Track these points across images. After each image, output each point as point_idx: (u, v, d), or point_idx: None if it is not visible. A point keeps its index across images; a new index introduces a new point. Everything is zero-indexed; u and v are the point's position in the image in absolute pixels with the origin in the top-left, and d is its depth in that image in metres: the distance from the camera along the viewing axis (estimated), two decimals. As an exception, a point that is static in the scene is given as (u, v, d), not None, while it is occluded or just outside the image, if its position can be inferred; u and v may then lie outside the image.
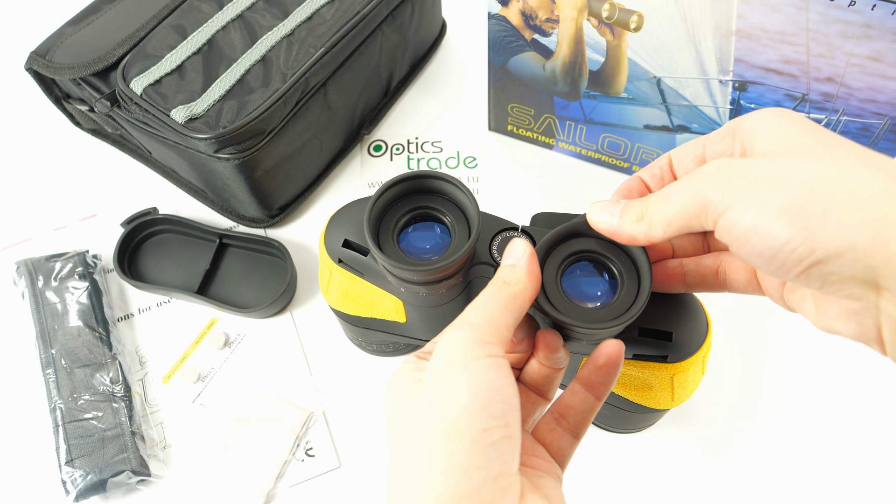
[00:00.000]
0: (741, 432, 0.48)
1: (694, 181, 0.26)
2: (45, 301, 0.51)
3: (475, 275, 0.35)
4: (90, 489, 0.45)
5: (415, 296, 0.36)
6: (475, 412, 0.24)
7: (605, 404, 0.41)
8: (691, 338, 0.35)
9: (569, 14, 0.47)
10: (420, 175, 0.33)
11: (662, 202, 0.27)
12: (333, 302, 0.43)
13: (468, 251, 0.32)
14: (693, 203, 0.26)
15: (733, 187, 0.24)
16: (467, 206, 0.33)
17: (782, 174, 0.24)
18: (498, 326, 0.26)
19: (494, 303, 0.27)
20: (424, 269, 0.31)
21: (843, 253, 0.22)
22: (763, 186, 0.24)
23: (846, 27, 0.39)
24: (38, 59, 0.52)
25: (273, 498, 0.46)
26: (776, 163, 0.25)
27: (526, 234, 0.35)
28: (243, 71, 0.49)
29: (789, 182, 0.24)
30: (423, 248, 0.34)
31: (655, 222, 0.27)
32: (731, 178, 0.25)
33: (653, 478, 0.47)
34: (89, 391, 0.48)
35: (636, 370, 0.36)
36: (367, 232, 0.32)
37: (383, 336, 0.45)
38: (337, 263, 0.39)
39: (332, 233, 0.39)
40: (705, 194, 0.25)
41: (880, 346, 0.25)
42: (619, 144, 0.57)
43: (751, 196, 0.24)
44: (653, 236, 0.28)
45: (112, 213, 0.59)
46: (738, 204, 0.24)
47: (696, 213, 0.26)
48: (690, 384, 0.37)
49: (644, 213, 0.28)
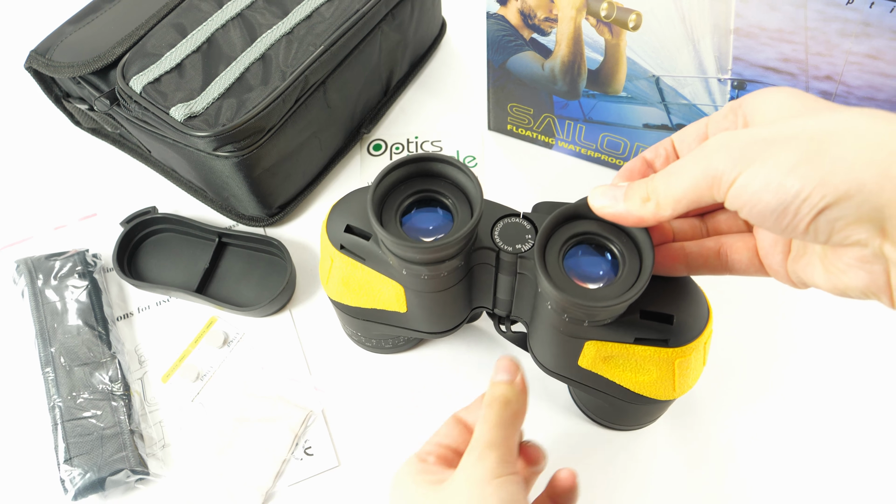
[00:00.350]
0: (743, 430, 0.48)
1: (702, 155, 0.26)
2: (45, 300, 0.51)
3: (476, 261, 0.35)
4: (89, 487, 0.45)
5: (416, 279, 0.36)
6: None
7: (605, 397, 0.41)
8: (692, 322, 0.35)
9: (567, 13, 0.47)
10: (423, 158, 0.34)
11: (669, 179, 0.28)
12: (334, 293, 0.43)
13: (470, 230, 0.32)
14: (704, 176, 0.26)
15: (743, 154, 0.25)
16: (470, 189, 0.33)
17: (789, 133, 0.25)
18: (511, 447, 0.31)
19: (504, 423, 0.31)
20: (426, 247, 0.31)
21: (851, 194, 0.23)
22: (772, 147, 0.25)
23: (845, 25, 0.39)
24: (37, 57, 0.52)
25: (272, 497, 0.46)
26: (782, 125, 0.25)
27: (527, 220, 0.35)
28: (243, 69, 0.49)
29: (796, 139, 0.24)
30: (425, 230, 0.34)
31: (664, 201, 0.28)
32: (740, 146, 0.25)
33: (653, 476, 0.46)
34: (88, 390, 0.48)
35: (637, 355, 0.36)
36: (370, 210, 0.32)
37: (383, 329, 0.45)
38: (339, 250, 0.39)
39: (335, 220, 0.40)
40: (715, 166, 0.26)
41: (889, 295, 0.25)
42: (618, 143, 0.57)
43: (762, 158, 0.25)
44: (662, 215, 0.28)
45: (111, 213, 0.59)
46: (750, 167, 0.25)
47: (707, 186, 0.26)
48: (692, 372, 0.37)
49: (650, 194, 0.28)
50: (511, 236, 0.35)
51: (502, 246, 0.35)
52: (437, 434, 0.35)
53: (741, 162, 0.25)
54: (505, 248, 0.35)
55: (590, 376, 0.39)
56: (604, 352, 0.37)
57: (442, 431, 0.35)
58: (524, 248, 0.34)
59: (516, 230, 0.35)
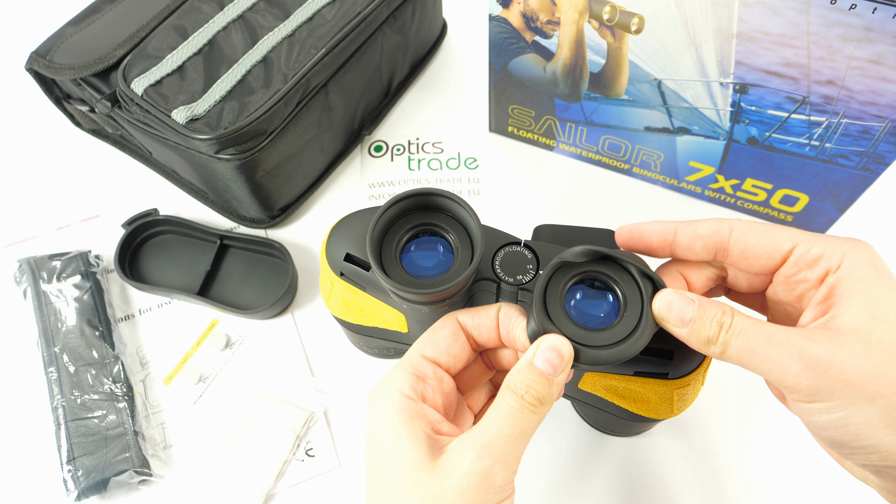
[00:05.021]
0: (739, 435, 0.48)
1: (791, 365, 0.26)
2: (48, 300, 0.51)
3: (477, 290, 0.35)
4: (91, 488, 0.45)
5: (417, 312, 0.36)
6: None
7: (602, 412, 0.41)
8: (693, 355, 0.35)
9: (570, 16, 0.47)
10: (423, 192, 0.33)
11: (745, 354, 0.27)
12: (335, 311, 0.43)
13: (470, 274, 0.31)
14: (788, 379, 0.26)
15: (827, 385, 0.25)
16: (471, 225, 0.33)
17: (874, 379, 0.25)
18: (519, 460, 0.29)
19: (526, 433, 0.29)
20: (427, 291, 0.31)
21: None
22: (857, 392, 0.25)
23: (847, 30, 0.39)
24: (38, 59, 0.52)
25: (273, 497, 0.46)
26: (865, 358, 0.25)
27: (528, 249, 0.35)
28: (244, 72, 0.49)
29: (885, 390, 0.25)
30: (425, 267, 0.34)
31: (734, 353, 0.27)
32: (836, 378, 0.25)
33: (650, 481, 0.47)
34: (92, 390, 0.48)
35: (637, 386, 0.36)
36: (369, 253, 0.32)
37: (385, 342, 0.45)
38: (339, 276, 0.39)
39: (334, 245, 0.39)
40: (805, 383, 0.26)
41: None
42: (619, 146, 0.57)
43: (848, 399, 0.25)
44: (723, 359, 0.28)
45: (113, 214, 0.59)
46: (840, 402, 0.25)
47: (780, 384, 0.26)
48: (691, 397, 0.37)
49: (723, 335, 0.28)
50: (512, 266, 0.34)
51: (503, 277, 0.34)
52: (432, 342, 0.32)
53: (823, 390, 0.25)
54: (506, 279, 0.34)
55: (589, 396, 0.39)
56: (603, 381, 0.37)
57: (438, 338, 0.32)
58: (525, 278, 0.34)
59: (517, 259, 0.34)
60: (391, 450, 0.29)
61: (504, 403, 0.29)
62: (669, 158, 0.56)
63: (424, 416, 0.30)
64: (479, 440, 0.28)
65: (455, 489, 0.27)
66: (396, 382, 0.31)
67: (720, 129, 0.50)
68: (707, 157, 0.53)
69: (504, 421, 0.28)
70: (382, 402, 0.31)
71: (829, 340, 0.26)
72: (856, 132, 0.45)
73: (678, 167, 0.56)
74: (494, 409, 0.29)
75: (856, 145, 0.46)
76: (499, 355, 0.35)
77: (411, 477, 0.28)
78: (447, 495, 0.27)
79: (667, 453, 0.47)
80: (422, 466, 0.28)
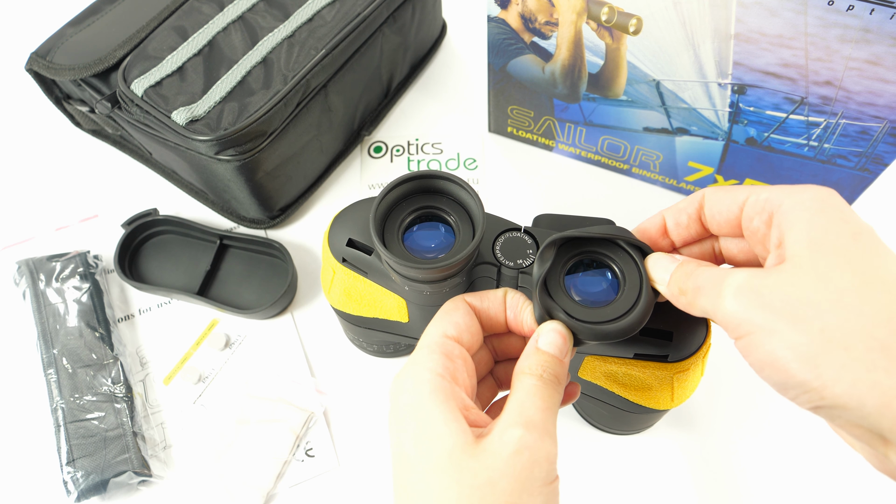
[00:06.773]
0: (740, 433, 0.48)
1: (722, 294, 0.26)
2: (47, 301, 0.51)
3: (478, 275, 0.36)
4: (91, 489, 0.45)
5: (418, 294, 0.36)
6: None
7: (603, 404, 0.41)
8: (692, 337, 0.35)
9: (568, 17, 0.47)
10: (425, 175, 0.34)
11: (697, 294, 0.28)
12: (336, 302, 0.43)
13: (472, 250, 0.32)
14: (719, 312, 0.26)
15: (758, 315, 0.25)
16: (472, 207, 0.33)
17: (802, 313, 0.24)
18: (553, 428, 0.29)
19: (556, 404, 0.29)
20: (429, 266, 0.32)
21: (851, 407, 0.23)
22: (783, 322, 0.24)
23: (844, 31, 0.39)
24: (38, 59, 0.52)
25: (273, 498, 0.46)
26: (800, 290, 0.25)
27: (528, 234, 0.36)
28: (244, 73, 0.49)
29: (808, 325, 0.24)
30: (427, 247, 0.34)
31: (690, 293, 0.28)
32: (758, 304, 0.25)
33: (651, 480, 0.47)
34: (91, 391, 0.48)
35: (636, 370, 0.37)
36: (372, 229, 0.32)
37: (385, 336, 0.45)
38: (340, 263, 0.40)
39: (336, 232, 0.40)
40: (730, 311, 0.26)
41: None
42: (618, 146, 0.57)
43: (771, 329, 0.24)
44: (691, 310, 0.29)
45: (113, 214, 0.59)
46: (760, 332, 0.25)
47: (721, 322, 0.27)
48: (690, 384, 0.38)
49: (687, 290, 0.29)
50: (512, 251, 0.35)
51: (504, 261, 0.34)
52: (452, 322, 0.31)
53: (753, 321, 0.25)
54: (506, 263, 0.34)
55: (589, 386, 0.39)
56: (603, 366, 0.37)
57: (456, 317, 0.31)
58: (525, 263, 0.34)
59: (517, 245, 0.35)
60: (429, 435, 0.27)
61: (526, 384, 0.29)
62: (668, 159, 0.56)
63: (459, 398, 0.29)
64: (519, 418, 0.27)
65: (506, 470, 0.26)
66: (427, 363, 0.29)
67: (719, 129, 0.50)
68: (706, 157, 0.54)
69: (534, 398, 0.28)
70: (413, 385, 0.29)
71: (763, 271, 0.26)
72: (854, 133, 0.45)
73: (677, 167, 0.56)
74: (517, 392, 0.29)
75: (854, 146, 0.46)
76: (504, 342, 0.35)
77: (455, 462, 0.26)
78: (499, 479, 0.25)
79: (667, 453, 0.47)
80: (465, 450, 0.26)
